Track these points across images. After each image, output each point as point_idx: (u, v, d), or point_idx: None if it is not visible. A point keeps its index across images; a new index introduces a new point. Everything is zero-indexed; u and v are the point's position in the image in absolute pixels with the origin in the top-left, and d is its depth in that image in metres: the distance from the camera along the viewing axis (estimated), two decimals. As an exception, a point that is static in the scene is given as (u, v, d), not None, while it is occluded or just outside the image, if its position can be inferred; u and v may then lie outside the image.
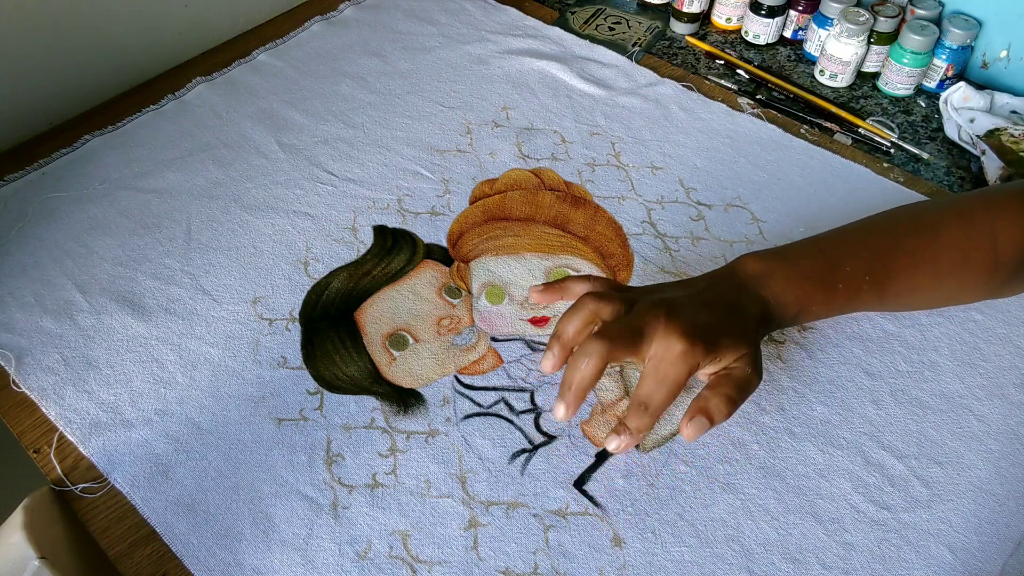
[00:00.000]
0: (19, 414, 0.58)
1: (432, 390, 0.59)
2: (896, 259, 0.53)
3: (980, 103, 0.79)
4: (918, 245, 0.53)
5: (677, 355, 0.44)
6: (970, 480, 0.54)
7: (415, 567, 0.50)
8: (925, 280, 0.53)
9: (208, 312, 0.63)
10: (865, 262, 0.52)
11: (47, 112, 0.79)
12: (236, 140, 0.77)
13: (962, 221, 0.54)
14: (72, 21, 0.77)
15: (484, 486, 0.54)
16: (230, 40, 0.90)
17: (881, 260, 0.52)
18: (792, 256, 0.52)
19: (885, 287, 0.52)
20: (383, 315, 0.63)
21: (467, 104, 0.81)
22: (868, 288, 0.52)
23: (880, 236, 0.54)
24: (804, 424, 0.57)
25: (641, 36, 0.91)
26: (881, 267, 0.52)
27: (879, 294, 0.52)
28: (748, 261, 0.51)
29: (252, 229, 0.69)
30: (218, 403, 0.58)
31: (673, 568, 0.50)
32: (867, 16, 0.81)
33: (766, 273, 0.50)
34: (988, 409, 0.58)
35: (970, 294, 0.56)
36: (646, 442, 0.56)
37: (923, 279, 0.53)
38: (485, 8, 0.94)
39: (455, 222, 0.70)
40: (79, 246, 0.68)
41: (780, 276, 0.50)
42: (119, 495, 0.53)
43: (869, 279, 0.52)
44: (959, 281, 0.53)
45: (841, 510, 0.53)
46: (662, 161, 0.75)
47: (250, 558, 0.50)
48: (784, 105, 0.82)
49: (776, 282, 0.50)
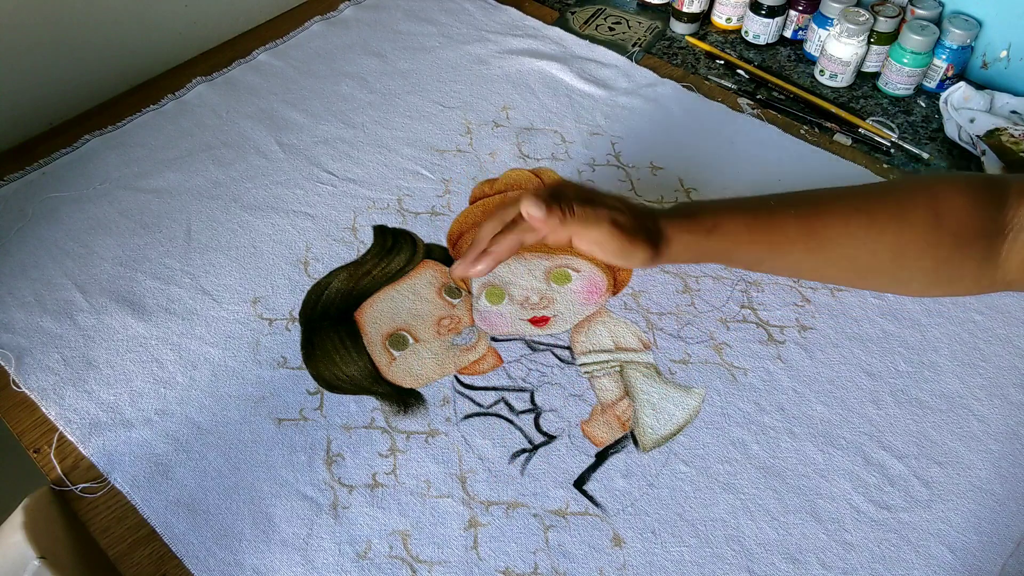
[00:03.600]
0: (19, 414, 0.58)
1: (432, 390, 0.59)
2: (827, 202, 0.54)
3: (980, 103, 0.79)
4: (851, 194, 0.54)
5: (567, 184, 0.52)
6: (970, 480, 0.54)
7: (415, 567, 0.50)
8: (859, 229, 0.52)
9: (208, 312, 0.63)
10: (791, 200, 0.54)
11: (47, 112, 0.79)
12: (236, 140, 0.77)
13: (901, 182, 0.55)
14: (72, 21, 0.77)
15: (484, 486, 0.54)
16: (230, 40, 0.90)
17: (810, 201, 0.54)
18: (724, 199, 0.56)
19: (813, 225, 0.53)
20: (383, 315, 0.63)
21: (467, 104, 0.81)
22: (794, 223, 0.53)
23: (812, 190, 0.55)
24: (804, 424, 0.57)
25: (641, 36, 0.91)
26: (810, 207, 0.53)
27: (806, 231, 0.53)
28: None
29: (252, 229, 0.69)
30: (218, 403, 0.58)
31: (673, 568, 0.50)
32: (867, 16, 0.81)
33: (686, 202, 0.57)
34: (988, 409, 0.58)
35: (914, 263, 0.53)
36: (646, 442, 0.56)
37: (856, 228, 0.53)
38: (485, 8, 0.94)
39: (455, 222, 0.70)
40: (79, 246, 0.68)
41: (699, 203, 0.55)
42: (119, 495, 0.53)
43: (795, 213, 0.53)
44: (897, 236, 0.52)
45: (841, 510, 0.53)
46: (662, 161, 0.75)
47: (250, 558, 0.50)
48: (784, 105, 0.82)
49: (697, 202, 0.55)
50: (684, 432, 0.56)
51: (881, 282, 0.59)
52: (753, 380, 0.59)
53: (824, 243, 0.53)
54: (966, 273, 0.53)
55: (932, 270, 0.53)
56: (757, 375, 0.59)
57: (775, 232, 0.53)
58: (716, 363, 0.60)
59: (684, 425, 0.57)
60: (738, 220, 0.53)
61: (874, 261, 0.54)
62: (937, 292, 0.60)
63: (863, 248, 0.53)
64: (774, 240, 0.53)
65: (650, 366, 0.60)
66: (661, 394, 0.58)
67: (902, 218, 0.52)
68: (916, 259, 0.53)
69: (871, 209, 0.53)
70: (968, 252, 0.51)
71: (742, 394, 0.58)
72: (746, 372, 0.60)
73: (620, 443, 0.56)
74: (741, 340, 0.61)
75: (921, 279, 0.54)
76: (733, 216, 0.53)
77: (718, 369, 0.60)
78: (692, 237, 0.53)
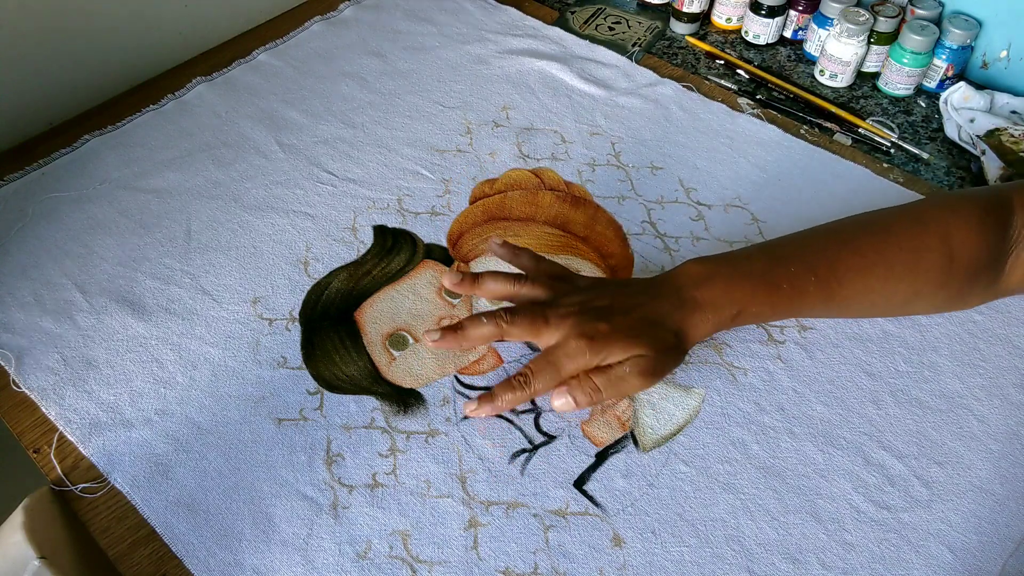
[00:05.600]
0: (19, 414, 0.58)
1: (432, 390, 0.59)
2: (845, 258, 0.53)
3: (980, 103, 0.79)
4: (868, 245, 0.54)
5: (571, 349, 0.51)
6: (970, 480, 0.54)
7: (415, 567, 0.50)
8: (876, 282, 0.53)
9: (208, 312, 0.63)
10: (811, 261, 0.53)
11: (47, 112, 0.79)
12: (236, 140, 0.77)
13: (914, 222, 0.54)
14: (72, 21, 0.77)
15: (484, 486, 0.54)
16: (230, 40, 0.90)
17: (828, 259, 0.53)
18: (736, 258, 0.54)
19: (833, 288, 0.52)
20: (383, 315, 0.63)
21: (467, 104, 0.81)
22: (815, 289, 0.52)
23: (829, 236, 0.55)
24: (804, 424, 0.57)
25: (641, 36, 0.91)
26: (828, 266, 0.53)
27: (826, 294, 0.52)
28: (691, 265, 0.54)
29: (252, 229, 0.69)
30: (218, 403, 0.58)
31: (673, 568, 0.50)
32: (867, 16, 0.81)
33: (706, 276, 0.53)
34: (988, 409, 0.58)
35: (926, 300, 0.55)
36: (646, 442, 0.56)
37: (874, 281, 0.53)
38: (485, 8, 0.94)
39: (455, 222, 0.70)
40: (79, 246, 0.68)
41: (720, 278, 0.53)
42: (119, 495, 0.53)
43: (815, 279, 0.52)
44: (913, 284, 0.53)
45: (841, 510, 0.53)
46: (662, 161, 0.75)
47: (250, 558, 0.50)
48: (784, 105, 0.82)
49: (715, 284, 0.52)
50: (684, 432, 0.56)
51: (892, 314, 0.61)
52: (753, 380, 0.59)
53: (838, 301, 0.54)
54: (974, 297, 0.54)
55: (943, 301, 0.56)
56: (757, 375, 0.59)
57: (795, 305, 0.53)
58: (716, 363, 0.60)
59: (684, 425, 0.57)
60: (762, 304, 0.53)
61: (888, 306, 0.56)
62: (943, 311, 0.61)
63: (879, 299, 0.55)
64: (795, 310, 0.54)
65: (650, 366, 0.60)
66: (661, 394, 0.58)
67: (916, 267, 0.53)
68: (930, 297, 0.55)
69: (888, 263, 0.53)
70: (977, 280, 0.53)
71: (742, 394, 0.58)
72: (746, 372, 0.60)
73: (620, 443, 0.56)
74: (741, 340, 0.61)
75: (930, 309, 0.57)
76: (756, 298, 0.53)
77: (718, 369, 0.60)
78: (716, 329, 0.53)
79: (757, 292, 0.52)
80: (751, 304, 0.52)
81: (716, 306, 0.52)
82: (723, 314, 0.52)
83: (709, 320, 0.52)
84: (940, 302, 0.55)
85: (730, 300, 0.52)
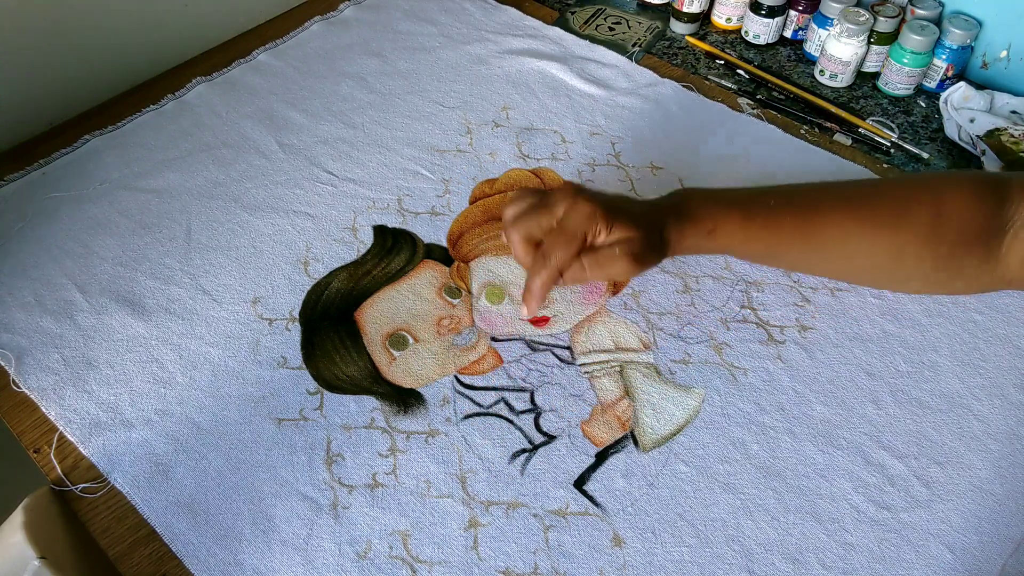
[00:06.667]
0: (19, 414, 0.58)
1: (432, 390, 0.59)
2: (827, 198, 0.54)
3: (980, 103, 0.79)
4: (854, 189, 0.54)
5: (581, 212, 0.50)
6: (970, 480, 0.54)
7: (415, 567, 0.50)
8: (856, 226, 0.52)
9: (208, 312, 0.63)
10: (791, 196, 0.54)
11: (47, 112, 0.79)
12: (236, 140, 0.77)
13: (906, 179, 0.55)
14: (72, 21, 0.77)
15: (484, 486, 0.54)
16: (230, 40, 0.90)
17: (811, 197, 0.54)
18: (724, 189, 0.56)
19: (811, 221, 0.53)
20: (383, 315, 0.63)
21: (467, 104, 0.81)
22: (791, 220, 0.53)
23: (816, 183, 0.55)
24: (804, 424, 0.57)
25: (641, 36, 0.91)
26: (809, 202, 0.53)
27: (804, 232, 0.53)
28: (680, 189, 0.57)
29: (252, 229, 0.69)
30: (218, 403, 0.58)
31: (673, 568, 0.50)
32: (867, 16, 0.81)
33: (690, 194, 0.55)
34: (988, 409, 0.58)
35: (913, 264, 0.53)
36: (646, 442, 0.56)
37: (855, 224, 0.52)
38: (485, 8, 0.94)
39: (455, 222, 0.70)
40: (79, 246, 0.68)
41: (701, 195, 0.55)
42: (119, 495, 0.53)
43: (793, 209, 0.53)
44: (896, 235, 0.51)
45: (841, 510, 0.53)
46: (662, 161, 0.75)
47: (250, 558, 0.50)
48: (784, 105, 0.82)
49: (695, 198, 0.54)
50: (684, 432, 0.56)
51: (879, 280, 0.60)
52: (753, 380, 0.59)
53: (821, 243, 0.54)
54: (966, 271, 0.53)
55: (931, 269, 0.53)
56: (757, 375, 0.59)
57: (771, 233, 0.54)
58: (716, 363, 0.60)
59: (684, 425, 0.57)
60: (736, 221, 0.53)
61: (871, 260, 0.54)
62: (936, 290, 0.60)
63: (860, 247, 0.53)
64: (771, 241, 0.54)
65: (650, 366, 0.60)
66: (661, 394, 0.58)
67: (902, 217, 0.52)
68: (915, 258, 0.52)
69: (872, 207, 0.53)
70: (969, 251, 0.51)
71: (742, 394, 0.58)
72: (746, 372, 0.60)
73: (620, 443, 0.56)
74: (741, 340, 0.61)
75: (920, 277, 0.54)
76: (730, 216, 0.54)
77: (718, 369, 0.60)
78: (693, 241, 0.53)
79: (732, 210, 0.54)
80: (725, 221, 0.53)
81: (695, 218, 0.53)
82: (701, 227, 0.53)
83: (688, 230, 0.53)
84: (928, 269, 0.53)
85: (708, 213, 0.53)
